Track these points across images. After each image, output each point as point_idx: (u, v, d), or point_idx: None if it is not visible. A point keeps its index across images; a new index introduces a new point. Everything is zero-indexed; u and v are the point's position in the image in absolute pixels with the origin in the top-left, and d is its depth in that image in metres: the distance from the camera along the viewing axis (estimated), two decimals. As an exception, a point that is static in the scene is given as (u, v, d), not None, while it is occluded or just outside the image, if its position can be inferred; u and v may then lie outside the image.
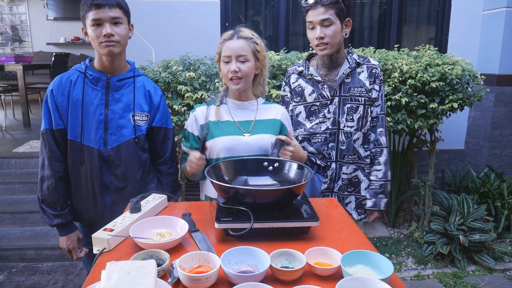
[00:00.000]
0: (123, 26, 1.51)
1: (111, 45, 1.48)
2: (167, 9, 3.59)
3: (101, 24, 1.46)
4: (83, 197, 1.60)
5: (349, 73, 1.70)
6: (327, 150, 1.74)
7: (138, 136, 1.58)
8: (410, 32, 4.16)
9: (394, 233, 3.45)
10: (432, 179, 3.28)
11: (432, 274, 2.85)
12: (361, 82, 1.70)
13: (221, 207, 1.20)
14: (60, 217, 1.59)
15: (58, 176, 1.56)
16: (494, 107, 3.79)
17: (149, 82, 1.66)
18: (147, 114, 1.61)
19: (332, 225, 1.24)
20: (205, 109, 1.57)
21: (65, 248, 1.65)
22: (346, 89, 1.70)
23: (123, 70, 1.60)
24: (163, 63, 2.78)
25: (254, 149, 1.53)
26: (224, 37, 1.53)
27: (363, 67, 1.72)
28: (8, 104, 6.17)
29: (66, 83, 1.54)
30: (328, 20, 1.58)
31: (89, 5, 1.44)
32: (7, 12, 7.70)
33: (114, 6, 1.47)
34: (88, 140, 1.54)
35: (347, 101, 1.70)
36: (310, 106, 1.74)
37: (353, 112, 1.70)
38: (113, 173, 1.57)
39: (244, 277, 0.90)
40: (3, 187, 3.57)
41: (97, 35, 1.46)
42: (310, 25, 1.63)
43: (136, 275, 0.82)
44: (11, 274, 2.89)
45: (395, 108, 2.89)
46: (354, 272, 0.93)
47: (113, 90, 1.56)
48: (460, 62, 2.94)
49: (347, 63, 1.71)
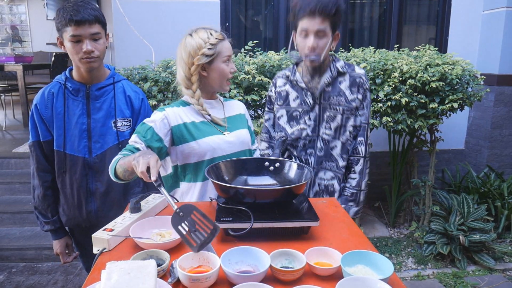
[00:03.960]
0: (102, 40, 1.52)
1: (92, 61, 1.50)
2: (167, 9, 3.59)
3: (80, 40, 1.46)
4: (69, 204, 1.65)
5: (330, 82, 1.68)
6: (305, 156, 1.73)
7: (122, 141, 1.61)
8: (410, 32, 4.16)
9: (394, 233, 3.45)
10: (432, 179, 3.28)
11: (432, 274, 2.85)
12: (341, 92, 1.68)
13: (221, 207, 1.20)
14: (50, 224, 1.69)
15: (45, 186, 1.64)
16: (494, 107, 3.79)
17: (129, 87, 1.67)
18: (129, 119, 1.63)
19: (332, 225, 1.24)
20: (176, 110, 1.47)
21: (55, 252, 1.76)
22: (326, 97, 1.69)
23: (102, 78, 1.61)
24: (163, 63, 2.78)
25: (236, 145, 1.52)
26: (216, 37, 1.45)
27: (346, 77, 1.69)
28: (8, 104, 6.17)
29: (48, 96, 1.58)
30: (323, 31, 1.56)
31: (68, 20, 1.43)
32: (7, 12, 7.70)
33: (94, 22, 1.46)
34: (72, 149, 1.59)
35: (326, 109, 1.69)
36: (292, 111, 1.73)
37: (331, 121, 1.69)
38: (98, 179, 1.62)
39: (244, 277, 0.90)
40: (3, 187, 3.57)
41: (76, 51, 1.47)
42: (303, 33, 1.59)
43: (136, 275, 0.82)
44: (11, 274, 2.89)
45: (395, 108, 2.89)
46: (354, 272, 0.93)
47: (93, 99, 1.59)
48: (460, 62, 2.94)
49: (329, 72, 1.68)
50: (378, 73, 2.86)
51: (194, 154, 1.45)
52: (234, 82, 2.72)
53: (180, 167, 1.50)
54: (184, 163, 1.48)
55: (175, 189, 1.54)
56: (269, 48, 3.88)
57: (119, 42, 3.63)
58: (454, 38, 3.94)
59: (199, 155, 1.45)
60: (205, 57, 1.43)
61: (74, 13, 1.42)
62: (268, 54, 2.89)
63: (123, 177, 1.32)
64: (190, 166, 1.47)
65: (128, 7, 3.53)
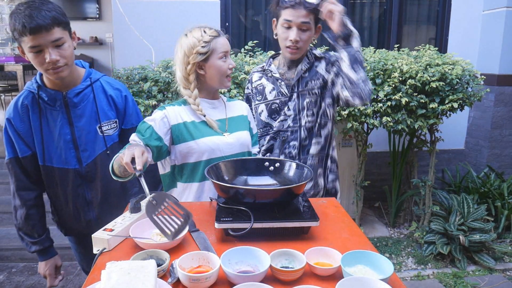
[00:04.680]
0: (67, 44, 1.33)
1: (59, 71, 1.33)
2: (167, 9, 3.59)
3: (41, 50, 1.27)
4: (66, 214, 1.58)
5: (307, 69, 1.65)
6: (288, 149, 1.67)
7: (110, 146, 1.52)
8: (410, 32, 4.16)
9: (394, 233, 3.45)
10: (432, 179, 3.28)
11: (432, 274, 2.84)
12: (318, 74, 1.64)
13: (221, 207, 1.20)
14: (38, 244, 1.55)
15: (29, 205, 1.51)
16: (494, 107, 3.79)
17: (109, 85, 1.54)
18: (115, 121, 1.53)
19: (332, 225, 1.24)
20: (177, 109, 1.47)
21: (41, 274, 1.61)
22: (303, 83, 1.64)
23: (77, 81, 1.46)
24: (163, 63, 2.78)
25: (236, 147, 1.50)
26: (210, 34, 1.43)
27: (322, 61, 1.66)
28: (8, 104, 6.17)
29: (22, 109, 1.43)
30: (307, 24, 1.53)
31: (22, 30, 1.22)
32: (7, 12, 7.69)
33: (52, 26, 1.25)
34: (60, 162, 1.48)
35: (305, 95, 1.64)
36: (270, 104, 1.69)
37: (313, 106, 1.64)
38: (93, 188, 1.54)
39: (244, 277, 0.90)
40: (3, 187, 3.57)
41: (40, 62, 1.30)
42: (286, 24, 1.54)
43: (136, 275, 0.82)
44: (11, 274, 2.89)
45: (395, 108, 2.89)
46: (354, 272, 0.93)
47: (72, 107, 1.44)
48: (460, 62, 2.94)
49: (306, 59, 1.65)
50: (378, 73, 2.86)
51: (192, 154, 1.45)
52: (234, 82, 2.72)
53: (178, 167, 1.49)
54: (182, 162, 1.48)
55: (172, 189, 1.54)
56: (269, 48, 3.88)
57: (119, 42, 3.63)
58: (454, 38, 3.94)
59: (197, 155, 1.45)
60: (199, 55, 1.43)
61: (27, 20, 1.22)
62: (268, 54, 2.89)
63: (119, 174, 1.32)
64: (188, 166, 1.47)
65: (128, 7, 3.53)
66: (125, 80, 2.69)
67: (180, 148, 1.45)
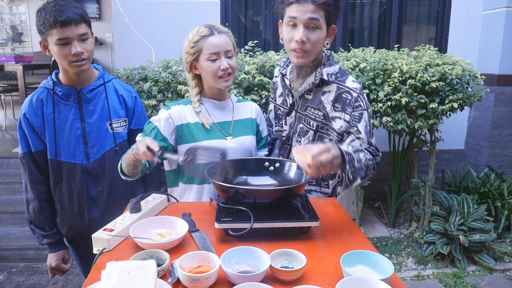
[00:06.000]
0: (90, 40, 1.44)
1: (82, 64, 1.42)
2: (167, 9, 3.59)
3: (68, 42, 1.37)
4: (69, 213, 1.59)
5: (311, 89, 1.42)
6: (288, 151, 1.56)
7: (119, 143, 1.57)
8: (410, 32, 4.16)
9: (394, 233, 3.45)
10: (432, 179, 3.28)
11: (432, 274, 2.84)
12: (321, 105, 1.39)
13: (221, 207, 1.20)
14: (49, 237, 1.61)
15: (41, 198, 1.56)
16: (494, 107, 3.79)
17: (120, 86, 1.62)
18: (124, 119, 1.59)
19: (332, 225, 1.24)
20: (182, 109, 1.46)
21: (48, 264, 1.65)
22: (304, 106, 1.44)
23: (91, 80, 1.54)
24: (163, 63, 2.78)
25: (238, 152, 1.47)
26: (200, 34, 1.40)
27: (332, 87, 1.38)
28: (8, 104, 6.17)
29: (37, 103, 1.50)
30: (316, 21, 1.27)
31: (53, 22, 1.33)
32: (7, 12, 7.69)
33: (80, 21, 1.37)
34: (68, 156, 1.51)
35: (301, 119, 1.46)
36: (277, 109, 1.58)
37: (303, 135, 1.47)
38: (99, 185, 1.56)
39: (244, 277, 0.90)
40: (3, 187, 3.57)
41: (65, 54, 1.39)
42: (291, 21, 1.30)
43: (136, 275, 0.82)
44: (11, 274, 2.89)
45: (395, 108, 2.89)
46: (354, 272, 0.93)
47: (85, 103, 1.52)
48: (460, 62, 2.93)
49: (315, 75, 1.40)
50: (378, 73, 2.86)
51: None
52: (234, 82, 2.72)
53: (180, 166, 1.50)
54: None
55: (174, 188, 1.55)
56: (269, 48, 3.88)
57: (119, 42, 3.63)
58: (454, 38, 3.94)
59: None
60: (190, 55, 1.44)
61: (58, 14, 1.32)
62: (268, 54, 2.89)
63: (128, 173, 1.35)
64: None
65: (128, 7, 3.53)
66: (125, 80, 2.69)
67: (183, 149, 1.45)
